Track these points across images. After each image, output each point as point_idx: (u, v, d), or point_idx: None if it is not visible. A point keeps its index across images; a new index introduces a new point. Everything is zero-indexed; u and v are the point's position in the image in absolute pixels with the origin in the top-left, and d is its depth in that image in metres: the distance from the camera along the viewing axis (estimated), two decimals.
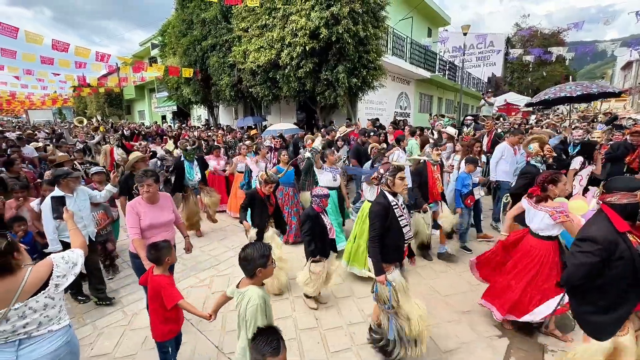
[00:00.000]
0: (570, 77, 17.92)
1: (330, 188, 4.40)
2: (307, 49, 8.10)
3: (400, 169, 2.56)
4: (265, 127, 12.07)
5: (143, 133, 12.22)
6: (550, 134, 5.74)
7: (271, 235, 3.60)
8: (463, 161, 4.66)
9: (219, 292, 3.73)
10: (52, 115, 43.25)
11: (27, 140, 8.71)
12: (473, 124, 8.60)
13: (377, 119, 9.81)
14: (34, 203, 3.67)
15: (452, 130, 6.35)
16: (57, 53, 10.74)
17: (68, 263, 1.79)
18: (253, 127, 12.26)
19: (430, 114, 16.24)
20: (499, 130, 8.46)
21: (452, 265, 4.22)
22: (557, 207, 2.61)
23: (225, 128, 12.98)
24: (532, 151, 3.97)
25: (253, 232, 3.38)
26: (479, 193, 4.56)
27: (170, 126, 18.91)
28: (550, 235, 2.65)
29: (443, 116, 13.51)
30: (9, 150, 6.33)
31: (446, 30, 21.74)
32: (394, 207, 2.47)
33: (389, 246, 2.47)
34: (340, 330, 3.05)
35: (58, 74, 18.59)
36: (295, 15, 8.13)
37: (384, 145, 6.33)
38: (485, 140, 6.57)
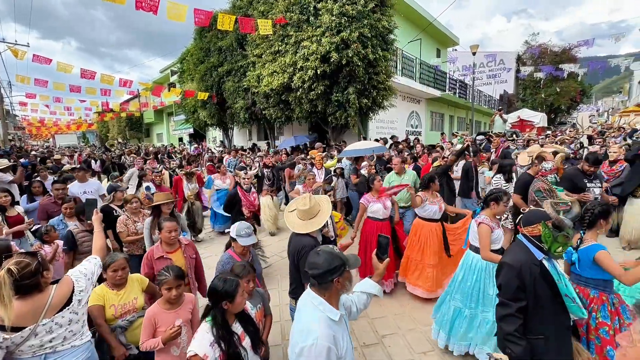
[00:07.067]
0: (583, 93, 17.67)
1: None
2: (318, 72, 8.37)
3: None
4: (306, 146, 10.95)
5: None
6: (560, 150, 5.65)
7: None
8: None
9: None
10: (76, 139, 45.45)
11: (55, 167, 7.99)
12: (485, 142, 8.56)
13: (386, 139, 9.89)
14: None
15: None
16: (84, 81, 11.46)
17: (87, 275, 1.85)
18: (301, 147, 11.01)
19: (442, 133, 16.24)
20: (512, 147, 8.40)
21: None
22: None
23: (265, 149, 12.31)
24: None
25: None
26: None
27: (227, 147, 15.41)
28: None
29: (455, 135, 13.48)
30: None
31: (455, 50, 22.05)
32: None
33: None
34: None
35: (84, 101, 19.72)
36: (307, 41, 8.48)
37: None
38: (493, 156, 6.59)
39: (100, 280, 2.21)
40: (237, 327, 1.78)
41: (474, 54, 13.20)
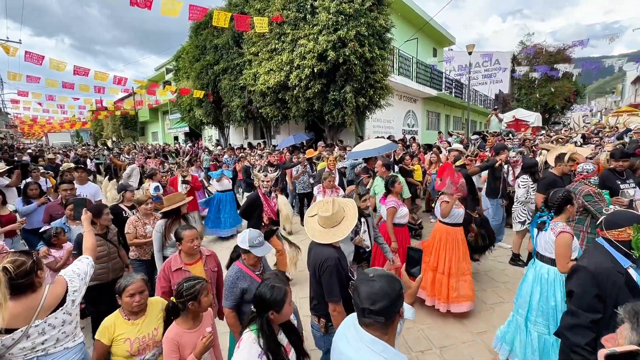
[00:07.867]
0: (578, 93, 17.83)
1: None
2: (315, 71, 8.34)
3: None
4: (302, 144, 10.71)
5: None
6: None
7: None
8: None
9: None
10: (69, 138, 44.96)
11: (48, 167, 7.79)
12: (480, 141, 8.59)
13: (384, 137, 9.88)
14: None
15: (460, 147, 6.37)
16: (77, 78, 11.31)
17: (80, 275, 1.82)
18: (299, 145, 10.62)
19: (439, 132, 16.30)
20: (510, 146, 8.43)
21: None
22: None
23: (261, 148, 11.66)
24: None
25: None
26: None
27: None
28: None
29: (450, 134, 13.54)
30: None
31: (451, 49, 22.12)
32: None
33: None
34: None
35: (77, 99, 19.50)
36: (304, 39, 8.44)
37: None
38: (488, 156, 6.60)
39: (113, 306, 1.97)
40: (282, 339, 1.58)
41: (470, 53, 13.24)
